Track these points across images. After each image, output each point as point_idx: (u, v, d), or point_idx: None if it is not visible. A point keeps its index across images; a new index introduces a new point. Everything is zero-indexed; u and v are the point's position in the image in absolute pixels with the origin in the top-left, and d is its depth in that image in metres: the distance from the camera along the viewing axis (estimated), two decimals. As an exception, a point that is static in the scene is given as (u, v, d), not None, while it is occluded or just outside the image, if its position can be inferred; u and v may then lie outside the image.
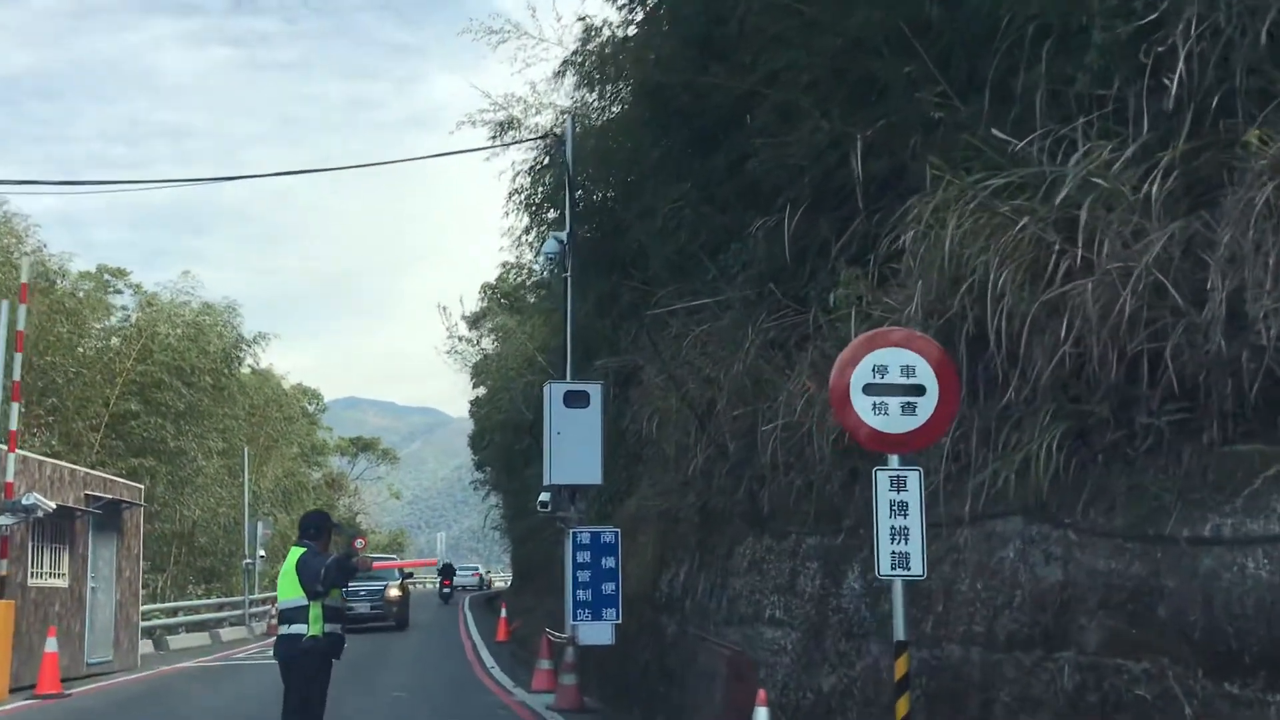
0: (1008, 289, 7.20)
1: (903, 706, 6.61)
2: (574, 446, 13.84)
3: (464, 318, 40.90)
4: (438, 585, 55.65)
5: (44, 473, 17.72)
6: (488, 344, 39.82)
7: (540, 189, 20.00)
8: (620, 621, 13.93)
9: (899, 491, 6.71)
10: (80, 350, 29.62)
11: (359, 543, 28.56)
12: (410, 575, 34.40)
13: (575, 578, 13.73)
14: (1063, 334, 6.59)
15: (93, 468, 24.05)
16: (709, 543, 13.34)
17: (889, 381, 6.77)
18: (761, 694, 7.88)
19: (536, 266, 31.12)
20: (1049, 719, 6.75)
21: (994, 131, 7.89)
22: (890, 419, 6.73)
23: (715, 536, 13.13)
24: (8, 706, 14.69)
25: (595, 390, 14.18)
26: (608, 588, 13.74)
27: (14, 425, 16.13)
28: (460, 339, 39.15)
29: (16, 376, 16.33)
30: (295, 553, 8.81)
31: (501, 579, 71.93)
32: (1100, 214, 6.69)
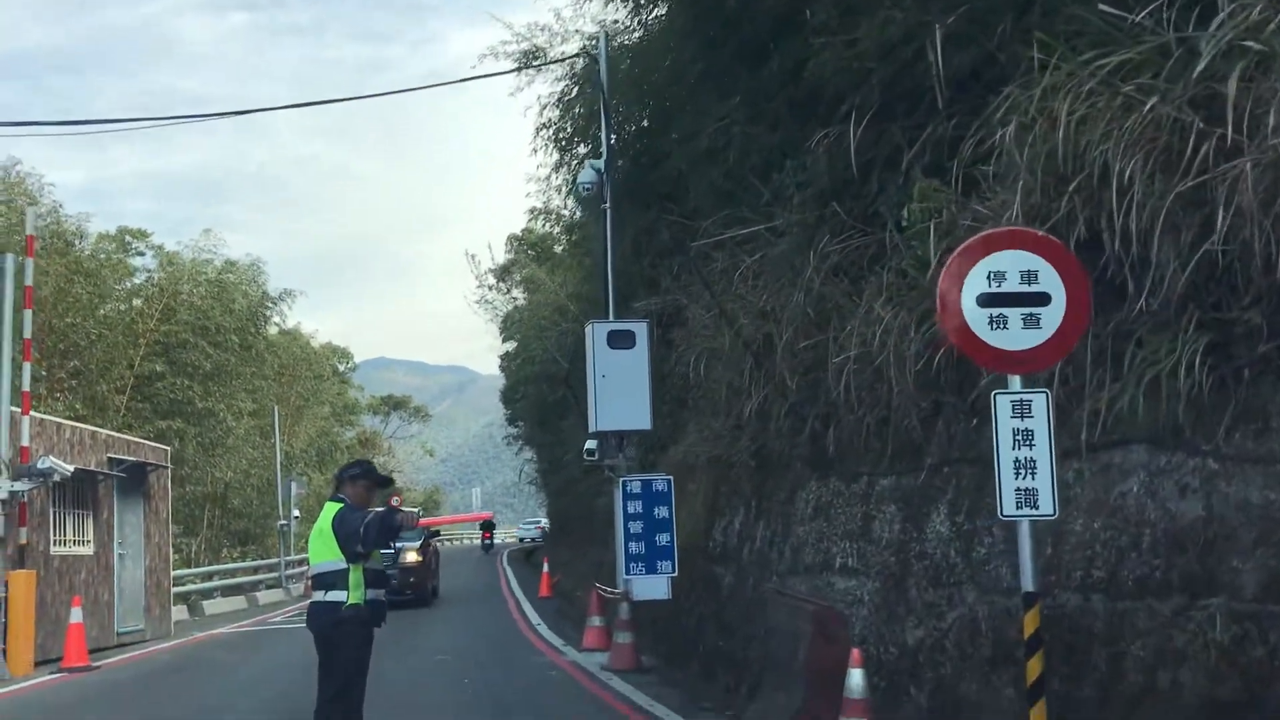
0: (1136, 181, 6.19)
1: (1035, 667, 5.68)
2: (620, 390, 12.99)
3: (491, 269, 40.24)
4: (480, 538, 60.20)
5: (62, 436, 16.99)
6: (517, 294, 39.14)
7: (570, 121, 18.99)
8: (676, 574, 13.09)
9: (1023, 418, 5.74)
10: (102, 312, 28.91)
11: (395, 501, 27.91)
12: (436, 534, 30.35)
13: (627, 529, 12.90)
14: (1219, 225, 5.56)
15: (119, 431, 23.41)
16: (766, 489, 12.50)
17: (1007, 290, 5.77)
18: (855, 654, 6.99)
19: (565, 212, 30.25)
20: (1199, 676, 5.81)
21: (1101, 7, 6.85)
22: (1010, 334, 5.75)
23: (773, 482, 12.29)
24: (32, 681, 14.07)
25: (641, 329, 13.28)
26: (662, 539, 12.91)
27: (26, 386, 15.34)
28: (490, 288, 38.45)
29: (28, 334, 15.53)
30: (330, 509, 7.77)
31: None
32: (1257, 82, 5.64)
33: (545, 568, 28.32)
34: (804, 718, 7.56)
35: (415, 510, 7.92)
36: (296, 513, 32.93)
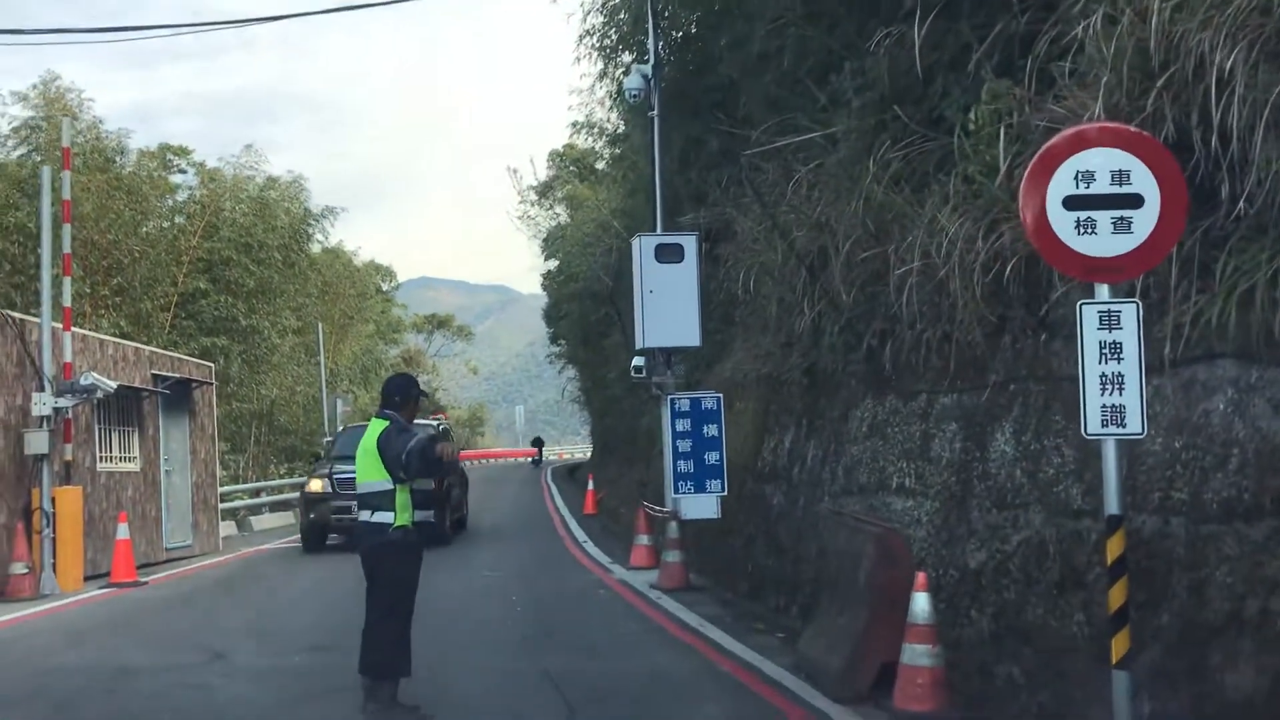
0: (1238, 73, 5.69)
1: (1119, 594, 5.34)
2: (668, 305, 12.66)
3: (533, 186, 39.80)
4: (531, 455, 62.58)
5: (106, 352, 16.92)
6: (559, 211, 38.75)
7: (614, 28, 18.38)
8: (726, 494, 12.84)
9: (1111, 330, 5.33)
10: (144, 229, 28.80)
11: (440, 417, 27.79)
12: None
13: (675, 448, 12.63)
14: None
15: (165, 348, 23.41)
16: (818, 407, 12.16)
17: (1096, 192, 5.32)
18: (921, 577, 6.70)
19: (609, 125, 29.69)
20: (1293, 605, 5.46)
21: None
22: (1099, 239, 5.32)
23: (825, 400, 11.95)
24: (81, 596, 14.11)
25: (689, 242, 12.88)
26: (711, 457, 12.64)
27: (68, 301, 15.19)
28: (532, 204, 38.06)
29: (67, 249, 15.33)
30: (376, 426, 7.50)
31: (581, 452, 72.17)
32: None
33: (590, 485, 28.23)
34: (867, 642, 7.29)
35: (442, 423, 7.51)
36: (341, 428, 33.02)
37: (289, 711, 7.99)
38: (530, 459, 61.17)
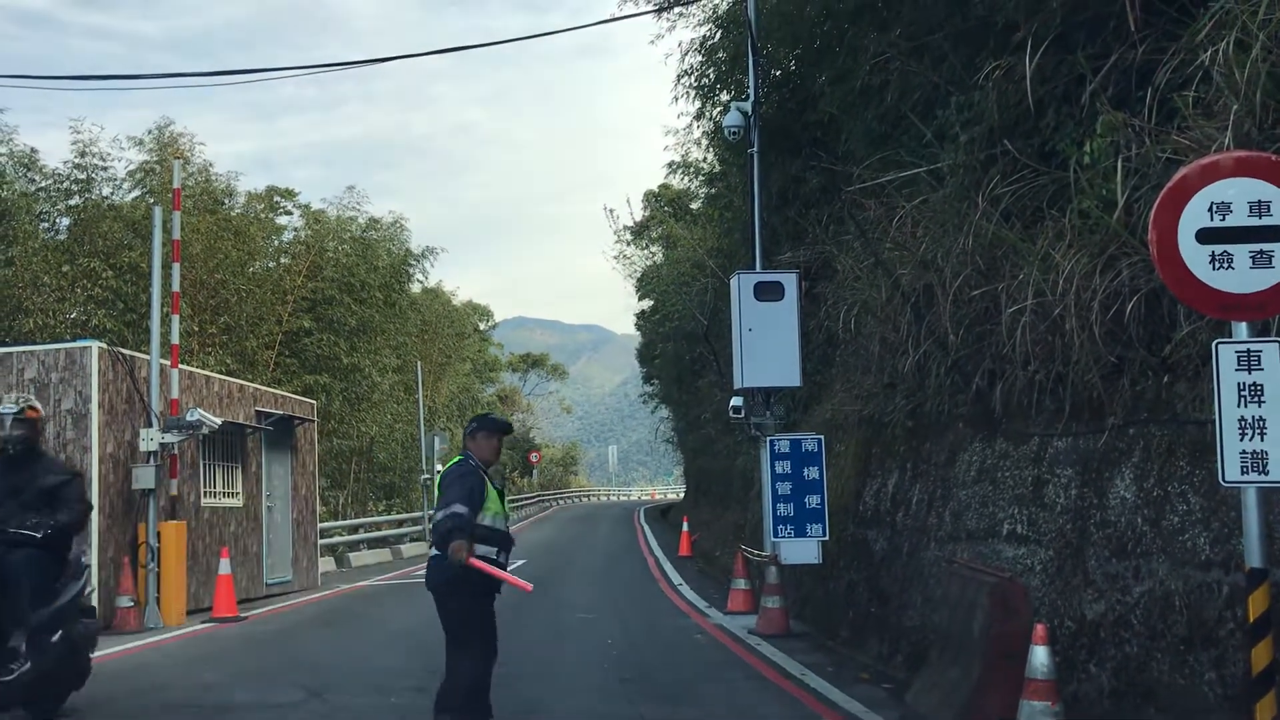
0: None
1: (1264, 654, 4.98)
2: (768, 344, 12.46)
3: (628, 227, 40.02)
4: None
5: (211, 389, 17.21)
6: (655, 250, 38.87)
7: (713, 68, 18.34)
8: (827, 538, 12.54)
9: (1250, 371, 5.00)
10: (251, 269, 29.42)
11: (534, 457, 27.94)
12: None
13: (775, 490, 12.38)
14: None
15: (269, 385, 23.80)
16: (923, 450, 11.83)
17: (1233, 224, 5.02)
18: (1040, 629, 6.37)
19: (704, 165, 29.70)
20: None
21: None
22: (1237, 274, 5.01)
23: (931, 443, 11.61)
24: (183, 630, 14.24)
25: (790, 280, 12.68)
26: (812, 501, 12.36)
27: (176, 339, 15.49)
28: (628, 243, 38.20)
29: (176, 287, 15.65)
30: (449, 464, 7.48)
31: (675, 493, 71.84)
32: None
33: (685, 527, 27.99)
34: (981, 696, 6.96)
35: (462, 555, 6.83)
36: (439, 467, 33.23)
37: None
38: None
